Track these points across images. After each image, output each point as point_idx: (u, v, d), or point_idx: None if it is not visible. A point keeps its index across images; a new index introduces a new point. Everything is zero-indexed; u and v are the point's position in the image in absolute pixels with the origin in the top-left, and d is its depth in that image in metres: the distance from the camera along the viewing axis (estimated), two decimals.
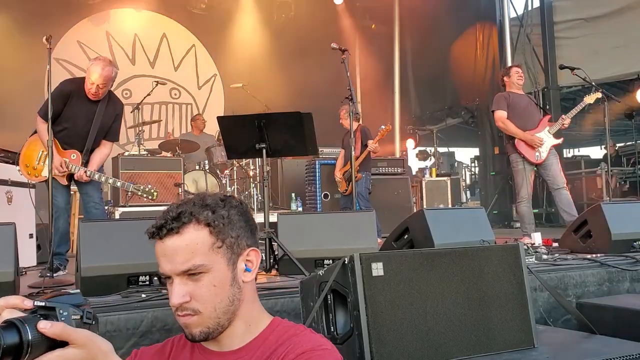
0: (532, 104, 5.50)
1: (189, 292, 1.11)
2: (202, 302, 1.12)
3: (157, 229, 1.12)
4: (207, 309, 1.12)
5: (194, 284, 1.11)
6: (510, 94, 5.43)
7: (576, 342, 2.13)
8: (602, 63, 8.41)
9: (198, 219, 1.13)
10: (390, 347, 1.77)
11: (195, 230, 1.12)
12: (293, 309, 2.67)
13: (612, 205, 4.14)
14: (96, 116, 4.05)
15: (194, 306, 1.11)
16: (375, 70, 11.50)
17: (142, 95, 7.22)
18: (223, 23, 10.79)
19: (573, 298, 3.24)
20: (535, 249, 4.03)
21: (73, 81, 4.14)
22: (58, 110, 3.88)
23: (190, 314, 1.11)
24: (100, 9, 9.89)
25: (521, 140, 5.25)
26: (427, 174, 9.53)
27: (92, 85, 3.96)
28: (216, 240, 1.14)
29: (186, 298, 1.11)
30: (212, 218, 1.14)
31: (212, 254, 1.13)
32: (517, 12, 10.09)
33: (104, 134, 4.16)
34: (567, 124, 5.33)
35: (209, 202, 1.16)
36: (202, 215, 1.14)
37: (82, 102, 4.02)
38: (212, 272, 1.12)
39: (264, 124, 3.72)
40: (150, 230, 1.14)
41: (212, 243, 1.13)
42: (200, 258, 1.11)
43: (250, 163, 7.90)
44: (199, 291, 1.11)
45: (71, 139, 4.04)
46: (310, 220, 3.78)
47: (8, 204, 4.51)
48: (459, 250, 2.00)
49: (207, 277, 1.12)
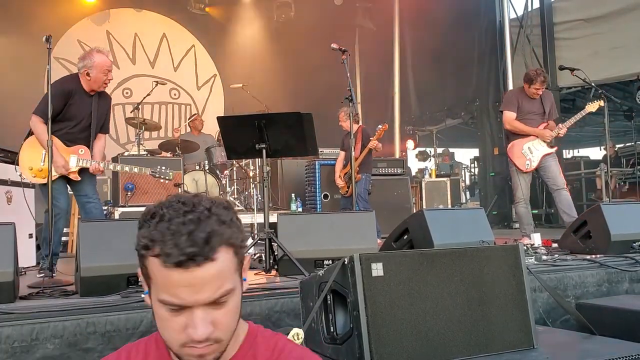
0: (539, 111, 5.32)
1: (212, 321, 0.97)
2: (225, 329, 0.99)
3: (190, 258, 0.93)
4: (227, 335, 1.00)
5: (218, 311, 0.97)
6: (521, 95, 5.36)
7: (576, 342, 2.13)
8: (602, 64, 8.41)
9: (228, 241, 0.98)
10: (390, 347, 1.77)
11: (226, 253, 0.98)
12: (293, 309, 2.67)
13: (611, 206, 4.14)
14: (93, 110, 4.12)
15: (217, 335, 0.97)
16: (374, 71, 11.50)
17: (142, 95, 7.23)
18: (223, 23, 10.81)
19: (572, 299, 3.25)
20: (535, 250, 4.04)
21: (72, 78, 4.13)
22: (59, 108, 3.89)
23: (211, 344, 0.97)
24: (100, 8, 9.90)
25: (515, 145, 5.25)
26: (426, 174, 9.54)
27: (107, 74, 4.07)
28: (238, 258, 1.01)
29: (211, 328, 0.96)
30: (235, 236, 1.00)
31: (235, 275, 1.01)
32: (517, 12, 10.10)
33: (100, 127, 4.23)
34: (563, 134, 5.25)
35: (223, 216, 0.99)
36: (227, 234, 0.98)
37: (82, 98, 4.07)
38: (235, 294, 1.00)
39: (264, 124, 3.72)
40: (175, 258, 0.93)
41: (237, 263, 1.01)
42: (229, 282, 0.98)
43: (250, 163, 7.89)
44: (223, 318, 0.98)
45: (75, 135, 4.07)
46: (310, 221, 3.78)
47: (8, 203, 4.50)
48: (458, 250, 2.00)
49: (232, 300, 0.99)
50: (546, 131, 5.21)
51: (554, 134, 5.22)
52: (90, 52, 4.10)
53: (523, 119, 5.29)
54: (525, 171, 5.26)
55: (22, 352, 2.20)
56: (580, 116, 5.30)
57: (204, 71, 10.92)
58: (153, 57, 10.43)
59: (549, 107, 5.34)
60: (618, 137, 12.64)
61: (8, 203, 4.51)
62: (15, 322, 2.24)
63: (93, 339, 2.31)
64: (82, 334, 2.30)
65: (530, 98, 5.31)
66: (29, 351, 2.22)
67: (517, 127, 5.27)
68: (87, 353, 2.29)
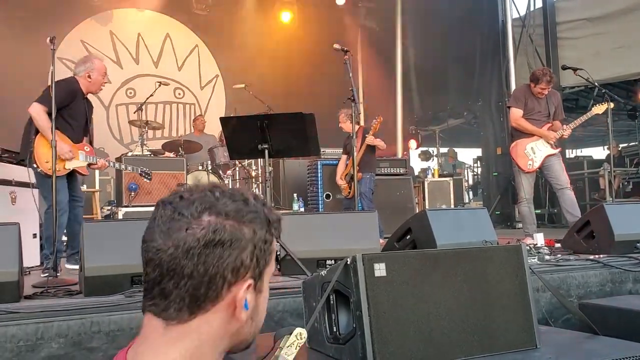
0: (544, 111, 5.28)
1: None
2: None
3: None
4: None
5: None
6: (528, 93, 5.32)
7: (579, 342, 2.13)
8: (605, 63, 8.39)
9: None
10: (393, 347, 1.77)
11: None
12: (295, 309, 2.68)
13: (615, 206, 4.13)
14: (88, 112, 4.36)
15: None
16: (377, 71, 11.50)
17: (145, 95, 7.25)
18: (226, 23, 10.81)
19: (575, 299, 3.24)
20: (538, 250, 4.03)
21: (76, 80, 4.26)
22: (65, 103, 4.04)
23: None
24: (103, 9, 9.92)
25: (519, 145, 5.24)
26: (429, 174, 9.53)
27: (105, 77, 4.37)
28: None
29: None
30: None
31: None
32: (519, 12, 10.09)
33: (86, 131, 4.44)
34: (567, 135, 5.23)
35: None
36: None
37: (81, 101, 4.27)
38: None
39: (266, 124, 3.74)
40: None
41: None
42: None
43: (252, 163, 7.91)
44: None
45: (75, 134, 4.23)
46: (312, 221, 3.79)
47: (12, 204, 4.52)
48: (461, 250, 2.01)
49: None
50: (550, 132, 5.19)
51: (558, 135, 5.20)
52: (89, 56, 4.43)
53: (527, 118, 5.27)
54: (527, 171, 5.24)
55: (27, 351, 2.22)
56: (585, 118, 5.27)
57: (207, 71, 10.94)
58: (157, 57, 10.44)
59: (555, 107, 5.31)
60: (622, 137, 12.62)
61: (12, 203, 4.53)
62: (20, 322, 2.25)
63: (97, 339, 2.32)
64: (87, 334, 2.31)
65: (535, 97, 5.29)
66: (33, 350, 2.23)
67: (522, 125, 5.25)
68: (91, 352, 2.30)
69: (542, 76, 5.16)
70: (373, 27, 11.66)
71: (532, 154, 5.23)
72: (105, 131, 9.52)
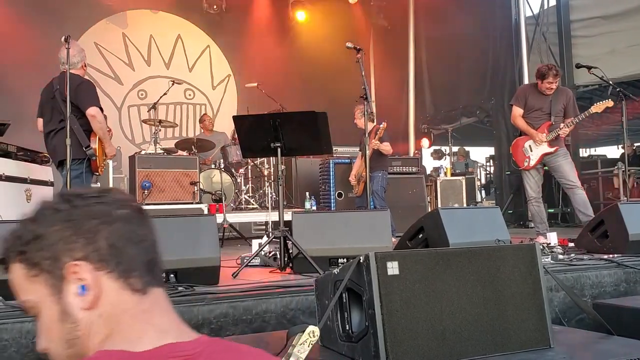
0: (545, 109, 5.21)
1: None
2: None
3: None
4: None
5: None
6: (529, 91, 5.34)
7: (593, 342, 2.12)
8: (620, 61, 8.30)
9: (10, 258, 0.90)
10: (406, 345, 1.77)
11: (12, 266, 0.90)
12: (308, 307, 2.69)
13: (629, 205, 4.09)
14: None
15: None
16: (389, 69, 11.47)
17: (156, 96, 7.29)
18: (237, 24, 10.84)
19: (589, 298, 3.22)
20: (551, 249, 4.01)
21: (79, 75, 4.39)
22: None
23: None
24: (117, 10, 9.99)
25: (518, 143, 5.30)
26: (441, 173, 9.49)
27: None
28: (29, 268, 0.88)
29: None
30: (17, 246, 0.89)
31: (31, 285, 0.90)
32: (532, 10, 10.00)
33: None
34: (564, 133, 5.10)
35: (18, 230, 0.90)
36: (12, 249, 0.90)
37: None
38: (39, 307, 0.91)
39: (279, 123, 3.74)
40: None
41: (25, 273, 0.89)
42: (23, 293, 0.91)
43: (264, 162, 7.93)
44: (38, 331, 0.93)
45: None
46: (324, 219, 3.80)
47: (27, 201, 4.58)
48: (474, 249, 2.00)
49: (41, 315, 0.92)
50: (538, 134, 5.17)
51: (550, 137, 5.13)
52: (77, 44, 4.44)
53: (526, 116, 5.29)
54: (524, 168, 5.29)
55: None
56: (584, 117, 5.12)
57: (219, 71, 10.97)
58: (168, 58, 10.50)
59: (564, 105, 5.23)
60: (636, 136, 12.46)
61: (27, 201, 4.59)
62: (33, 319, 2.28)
63: None
64: None
65: (538, 95, 5.25)
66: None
67: (517, 123, 5.33)
68: None
69: (547, 71, 5.12)
70: (385, 25, 11.64)
71: (529, 151, 5.26)
72: (117, 131, 9.60)
